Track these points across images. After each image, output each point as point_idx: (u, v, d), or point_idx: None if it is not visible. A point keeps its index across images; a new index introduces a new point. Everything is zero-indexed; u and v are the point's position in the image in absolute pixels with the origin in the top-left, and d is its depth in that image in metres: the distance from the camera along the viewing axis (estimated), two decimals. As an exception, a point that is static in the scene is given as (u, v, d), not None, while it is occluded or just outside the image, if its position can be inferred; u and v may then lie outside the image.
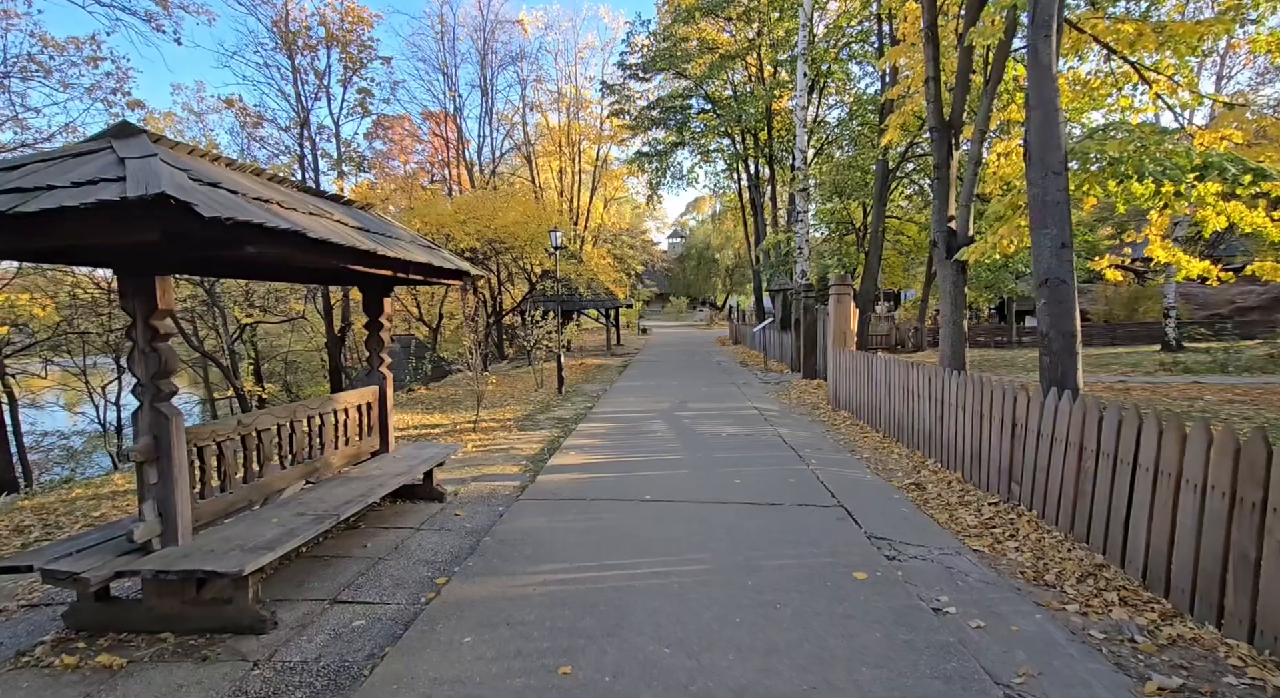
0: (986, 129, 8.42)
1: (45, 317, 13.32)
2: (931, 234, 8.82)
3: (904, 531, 4.11)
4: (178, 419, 2.73)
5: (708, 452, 6.33)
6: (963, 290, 8.56)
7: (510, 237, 14.03)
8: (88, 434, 19.23)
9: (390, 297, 4.81)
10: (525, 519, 4.35)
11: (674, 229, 67.73)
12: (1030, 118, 5.93)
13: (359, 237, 3.38)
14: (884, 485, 5.25)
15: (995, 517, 4.27)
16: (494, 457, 6.51)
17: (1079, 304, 8.53)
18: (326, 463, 4.08)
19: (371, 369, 4.79)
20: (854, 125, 17.36)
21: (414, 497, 4.78)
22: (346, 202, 4.34)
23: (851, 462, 6.06)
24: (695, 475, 5.44)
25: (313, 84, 20.76)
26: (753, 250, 28.22)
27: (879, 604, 3.01)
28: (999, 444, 4.59)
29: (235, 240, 2.57)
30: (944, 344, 8.66)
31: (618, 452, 6.47)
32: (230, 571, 2.46)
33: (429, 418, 9.44)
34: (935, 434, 5.75)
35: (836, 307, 9.14)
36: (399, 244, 3.97)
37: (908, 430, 6.42)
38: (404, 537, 4.04)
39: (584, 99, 30.01)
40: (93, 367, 18.85)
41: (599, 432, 7.57)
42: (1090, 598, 3.11)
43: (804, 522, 4.20)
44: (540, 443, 7.12)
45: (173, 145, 2.82)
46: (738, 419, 8.17)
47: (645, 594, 3.13)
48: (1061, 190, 5.85)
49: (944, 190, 8.66)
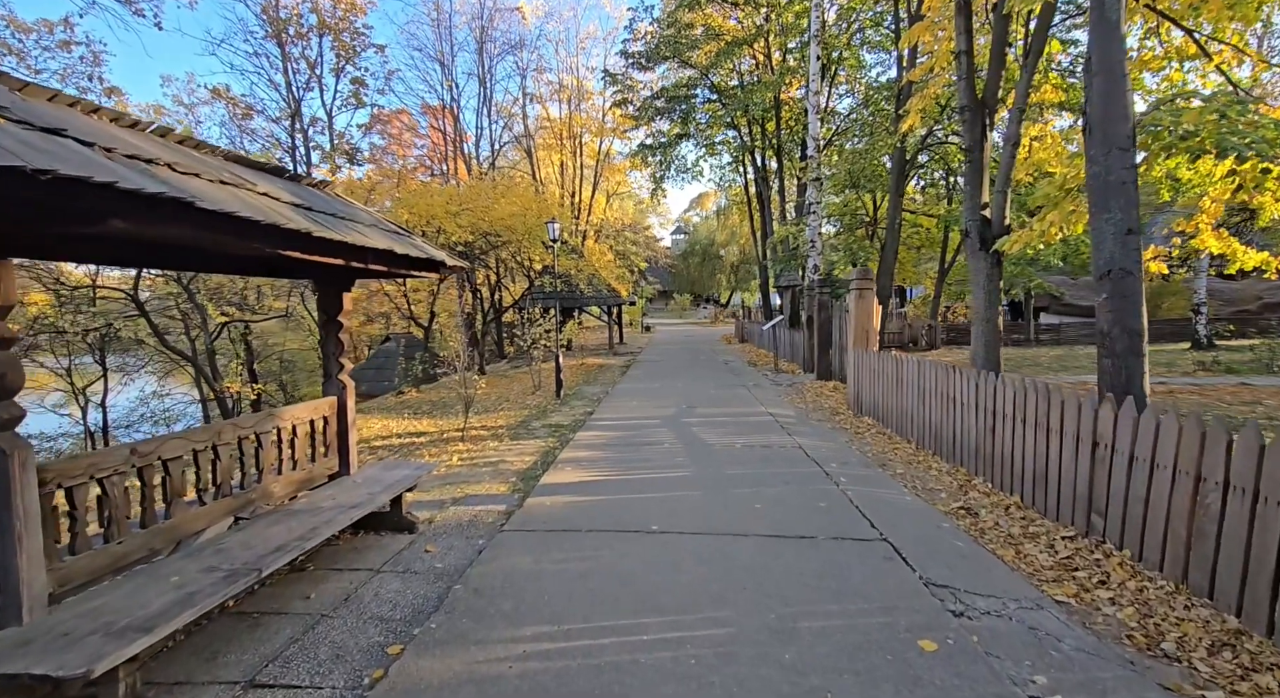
0: (1025, 107, 7.66)
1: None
2: (963, 223, 8.07)
3: (966, 574, 3.38)
4: (20, 454, 2.02)
5: (720, 467, 5.60)
6: (998, 284, 7.81)
7: (507, 230, 13.29)
8: (74, 437, 18.62)
9: (350, 291, 4.09)
10: (508, 558, 3.63)
11: (677, 225, 66.93)
12: (1091, 85, 5.17)
13: (290, 214, 2.67)
14: (928, 510, 4.51)
15: (1075, 556, 3.53)
16: (480, 472, 5.80)
17: (1091, 301, 7.79)
18: (266, 493, 3.37)
19: (329, 377, 4.08)
20: (867, 113, 16.56)
21: (380, 527, 4.07)
22: (295, 177, 3.62)
23: (885, 479, 5.33)
24: (708, 498, 4.71)
25: (304, 73, 20.09)
26: (759, 246, 27.44)
27: (963, 695, 2.28)
28: (1072, 465, 3.85)
29: (91, 211, 1.86)
30: (976, 343, 7.93)
31: (619, 467, 5.75)
32: (73, 673, 1.75)
33: (415, 424, 8.74)
34: (984, 448, 5.01)
35: (858, 303, 8.39)
36: (352, 228, 3.25)
37: (946, 442, 5.68)
38: (358, 583, 3.33)
39: (586, 90, 29.26)
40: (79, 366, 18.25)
41: (598, 442, 6.86)
42: (1235, 680, 2.38)
43: (844, 562, 3.47)
44: (533, 455, 6.40)
45: (20, 86, 2.11)
46: (751, 427, 7.44)
47: (652, 676, 2.41)
48: (1128, 168, 5.10)
49: (977, 175, 7.90)
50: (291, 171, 3.55)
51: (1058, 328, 22.03)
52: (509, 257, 17.69)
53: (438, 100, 26.32)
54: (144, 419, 21.75)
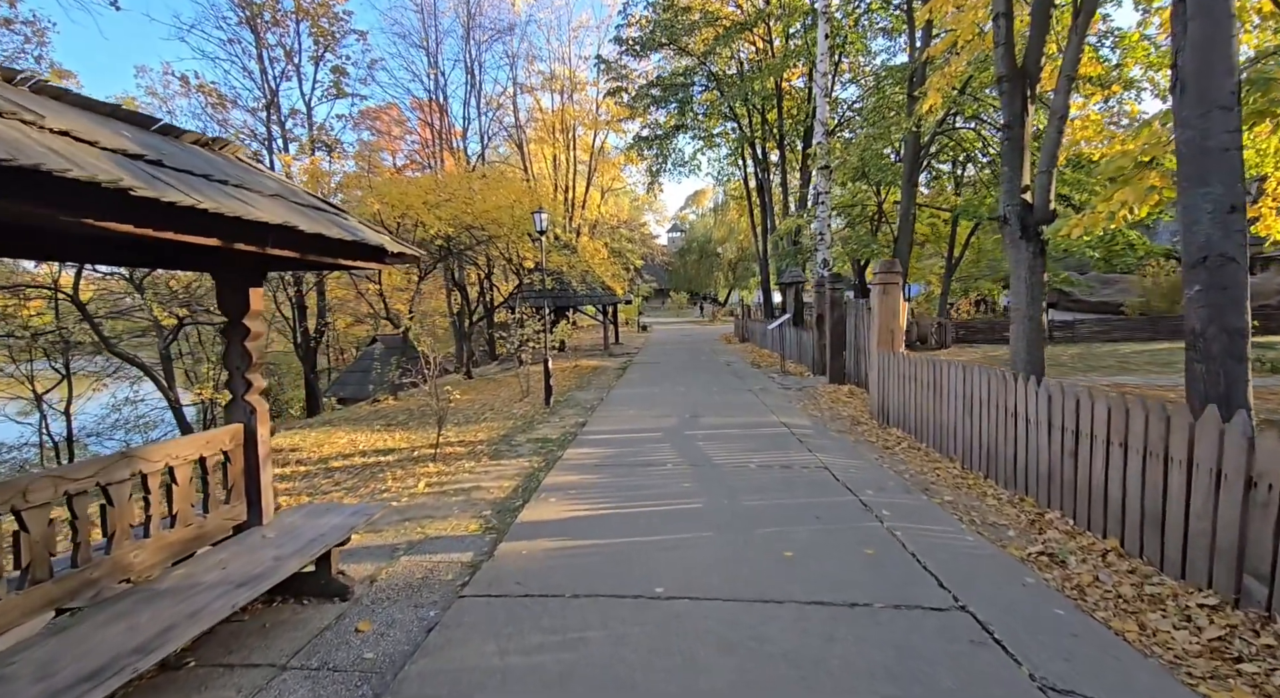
0: (1074, 75, 6.75)
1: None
2: (1000, 208, 7.16)
3: (1088, 666, 2.46)
4: None
5: (735, 497, 4.68)
6: (1041, 276, 6.91)
7: (494, 224, 12.30)
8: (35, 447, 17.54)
9: (259, 286, 3.14)
10: (464, 645, 2.69)
11: (673, 223, 66.04)
12: (1187, 33, 4.25)
13: (103, 165, 1.73)
14: (1000, 557, 3.60)
15: (1230, 637, 2.62)
16: (449, 503, 4.85)
17: (1107, 296, 6.91)
18: (119, 566, 2.42)
19: (234, 398, 3.12)
20: (873, 102, 15.64)
21: (302, 591, 3.13)
22: (166, 128, 2.66)
23: (934, 511, 4.41)
24: (725, 542, 3.78)
25: (281, 62, 19.04)
26: (758, 241, 26.51)
27: None
28: (1207, 507, 2.94)
29: None
30: (1016, 343, 7.02)
31: (614, 497, 4.82)
32: None
33: (385, 438, 7.79)
34: (1060, 475, 4.10)
35: (882, 299, 7.47)
36: (236, 196, 2.31)
37: (1004, 464, 4.77)
38: (249, 691, 2.39)
39: (579, 81, 28.22)
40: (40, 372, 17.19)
41: (590, 462, 5.92)
42: None
43: (918, 648, 2.55)
44: (513, 480, 5.46)
45: None
46: (765, 442, 6.52)
47: None
48: (1231, 132, 4.19)
49: (1017, 155, 6.99)
50: (159, 121, 2.60)
51: (1071, 325, 21.20)
52: (499, 253, 16.73)
53: (423, 90, 25.32)
54: (117, 426, 20.74)
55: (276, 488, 5.30)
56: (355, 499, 5.08)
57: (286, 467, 6.37)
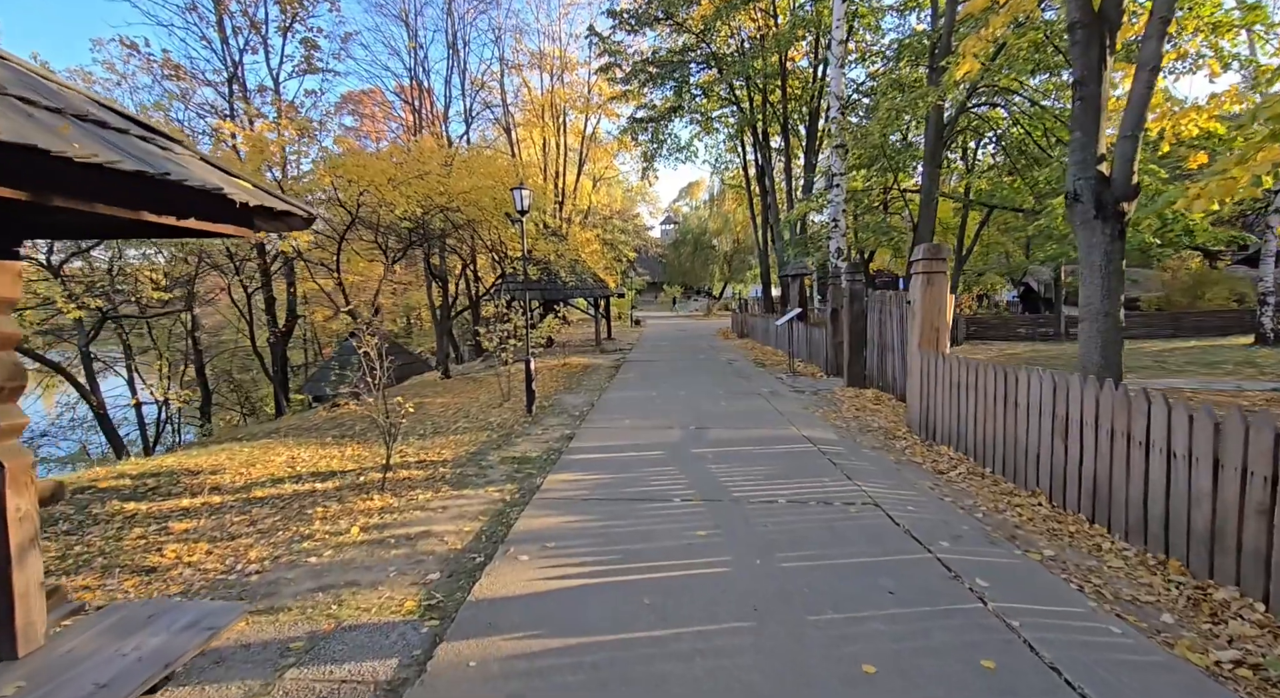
0: (1169, 16, 5.55)
1: None
2: (1069, 183, 5.98)
3: None
4: None
5: (770, 554, 3.48)
6: (1120, 265, 5.73)
7: (472, 206, 10.98)
8: None
9: (15, 260, 1.88)
10: None
11: (667, 215, 64.65)
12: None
13: None
14: (1176, 667, 2.42)
15: None
16: (384, 560, 3.62)
17: (1125, 292, 5.79)
18: None
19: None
20: (891, 76, 14.41)
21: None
22: None
23: (1046, 577, 3.22)
24: (769, 644, 2.58)
25: (246, 31, 17.51)
26: (758, 232, 25.31)
27: None
28: None
29: None
30: (1088, 345, 5.86)
31: (606, 553, 3.61)
32: None
33: (331, 457, 6.51)
34: (1237, 539, 2.91)
35: (926, 290, 6.28)
36: None
37: (1132, 512, 3.58)
38: None
39: (569, 60, 26.75)
40: None
41: (577, 495, 4.70)
42: None
43: None
44: (476, 521, 4.24)
45: None
46: (790, 463, 5.34)
47: None
48: None
49: (1091, 118, 5.83)
50: None
51: (1086, 320, 20.14)
52: (482, 241, 15.41)
53: (403, 66, 23.76)
54: (74, 425, 19.38)
55: (157, 539, 4.05)
56: (264, 550, 3.84)
57: (198, 498, 5.10)
